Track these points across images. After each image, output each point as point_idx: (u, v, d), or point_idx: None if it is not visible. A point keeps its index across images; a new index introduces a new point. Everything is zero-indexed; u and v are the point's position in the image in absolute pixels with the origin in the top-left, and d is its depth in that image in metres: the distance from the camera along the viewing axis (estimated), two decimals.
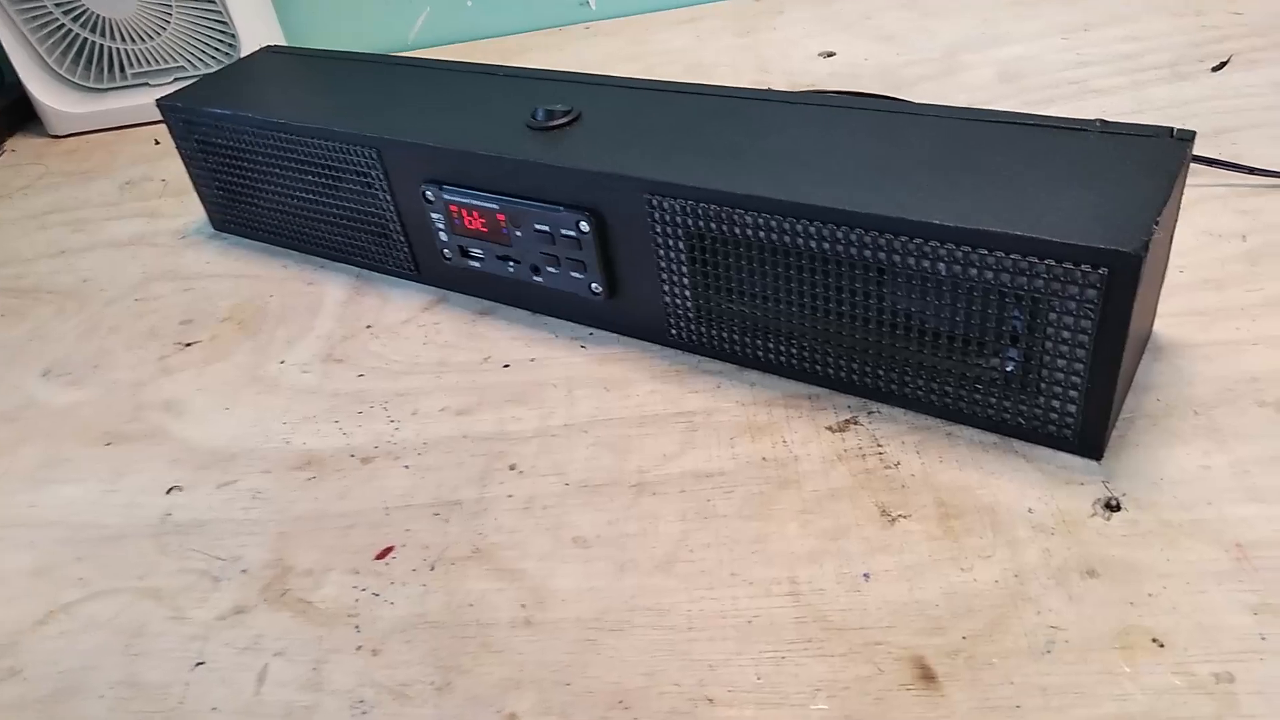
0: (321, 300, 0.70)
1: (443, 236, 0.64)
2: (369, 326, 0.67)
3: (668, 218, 0.53)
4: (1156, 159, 0.46)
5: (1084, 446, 0.47)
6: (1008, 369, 0.47)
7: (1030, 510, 0.45)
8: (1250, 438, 0.47)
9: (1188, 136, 0.47)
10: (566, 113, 0.60)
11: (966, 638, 0.40)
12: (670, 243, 0.54)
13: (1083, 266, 0.41)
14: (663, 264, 0.55)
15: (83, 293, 0.77)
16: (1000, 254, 0.43)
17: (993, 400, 0.48)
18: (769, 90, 0.59)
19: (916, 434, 0.50)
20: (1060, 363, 0.45)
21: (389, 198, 0.66)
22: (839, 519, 0.46)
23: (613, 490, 0.50)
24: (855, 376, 0.52)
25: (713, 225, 0.51)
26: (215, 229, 0.81)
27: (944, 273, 0.45)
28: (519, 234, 0.60)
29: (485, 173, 0.59)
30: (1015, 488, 0.46)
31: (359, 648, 0.45)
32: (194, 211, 0.86)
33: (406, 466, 0.54)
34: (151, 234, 0.83)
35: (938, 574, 0.43)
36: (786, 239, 0.49)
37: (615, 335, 0.61)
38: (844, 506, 0.47)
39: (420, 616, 0.46)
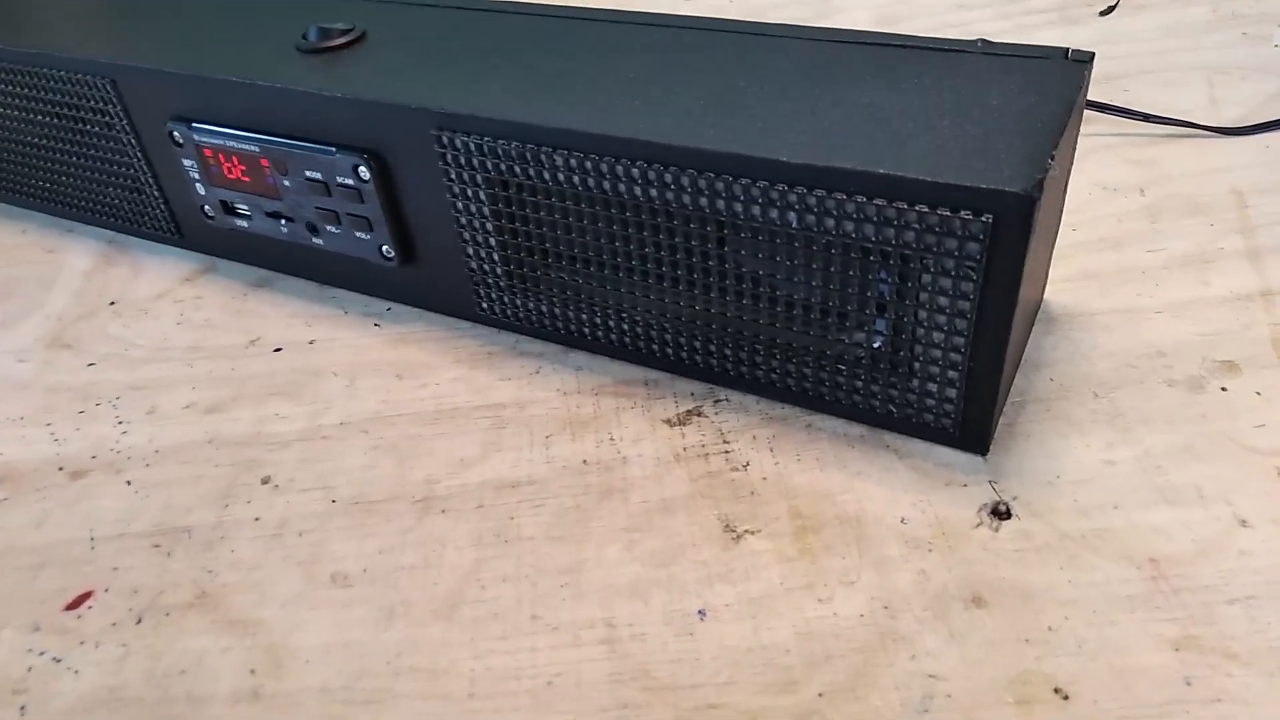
0: (59, 271, 0.57)
1: (199, 189, 0.51)
2: (112, 303, 0.53)
3: (463, 160, 0.42)
4: (1049, 84, 0.37)
5: (966, 439, 0.38)
6: (874, 345, 0.38)
7: (903, 520, 0.36)
8: (1159, 424, 0.39)
9: (1085, 58, 0.39)
10: (346, 31, 0.48)
11: (824, 695, 0.31)
12: (470, 191, 0.43)
13: (962, 213, 0.32)
14: (463, 220, 0.44)
15: None
16: (861, 199, 0.34)
17: (858, 384, 0.39)
18: (599, 10, 0.48)
19: (770, 426, 0.41)
20: (937, 336, 0.36)
21: (133, 141, 0.53)
22: (671, 538, 0.37)
23: (391, 508, 0.39)
24: (699, 358, 0.42)
25: (518, 169, 0.40)
26: None
27: (795, 224, 0.36)
28: (287, 184, 0.48)
29: (242, 105, 0.47)
30: (885, 492, 0.37)
31: None
32: None
33: (128, 482, 0.42)
34: None
35: (790, 608, 0.34)
36: (607, 185, 0.39)
37: (418, 311, 0.50)
38: (679, 522, 0.37)
39: (112, 691, 0.34)
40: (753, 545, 0.36)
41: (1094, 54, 0.39)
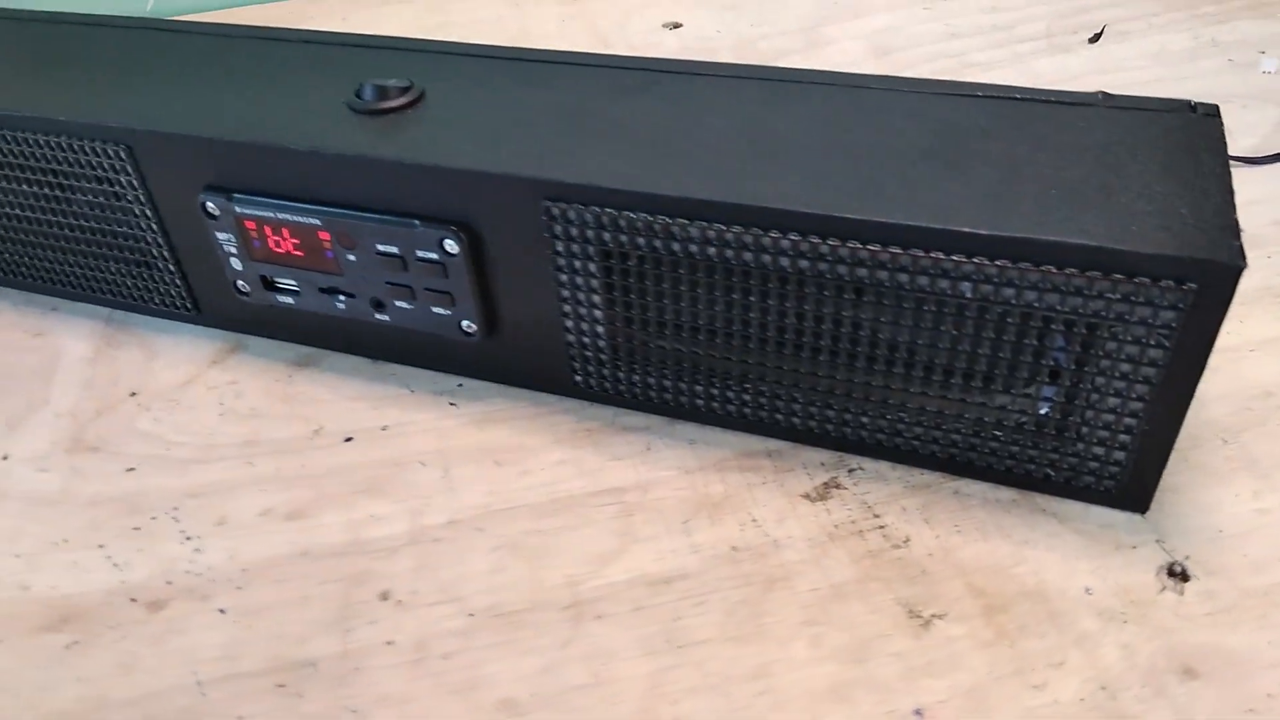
0: (56, 358, 0.50)
1: (235, 264, 0.46)
2: (134, 394, 0.48)
3: (575, 231, 0.39)
4: (1191, 141, 0.37)
5: (1127, 498, 0.38)
6: (1041, 411, 0.37)
7: (1088, 591, 0.36)
8: None
9: (1212, 111, 0.39)
10: (405, 90, 0.44)
11: None
12: (578, 264, 0.40)
13: (1163, 282, 0.32)
14: (566, 292, 0.41)
15: None
16: (1050, 269, 0.33)
17: (1013, 449, 0.38)
18: (657, 60, 0.46)
19: (916, 495, 0.40)
20: (1113, 401, 0.35)
21: (148, 212, 0.47)
22: (856, 630, 0.35)
23: (539, 618, 0.36)
24: (830, 426, 0.41)
25: (640, 240, 0.38)
26: None
27: (969, 294, 0.34)
28: (352, 258, 0.44)
29: (296, 174, 0.43)
30: (1059, 560, 0.37)
31: None
32: None
33: (221, 610, 0.37)
34: None
35: (1006, 699, 0.32)
36: (748, 256, 0.37)
37: (495, 385, 0.47)
38: (857, 610, 0.36)
39: None
40: (945, 631, 0.35)
41: (1218, 107, 0.39)
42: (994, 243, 0.33)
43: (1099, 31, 0.75)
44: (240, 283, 0.47)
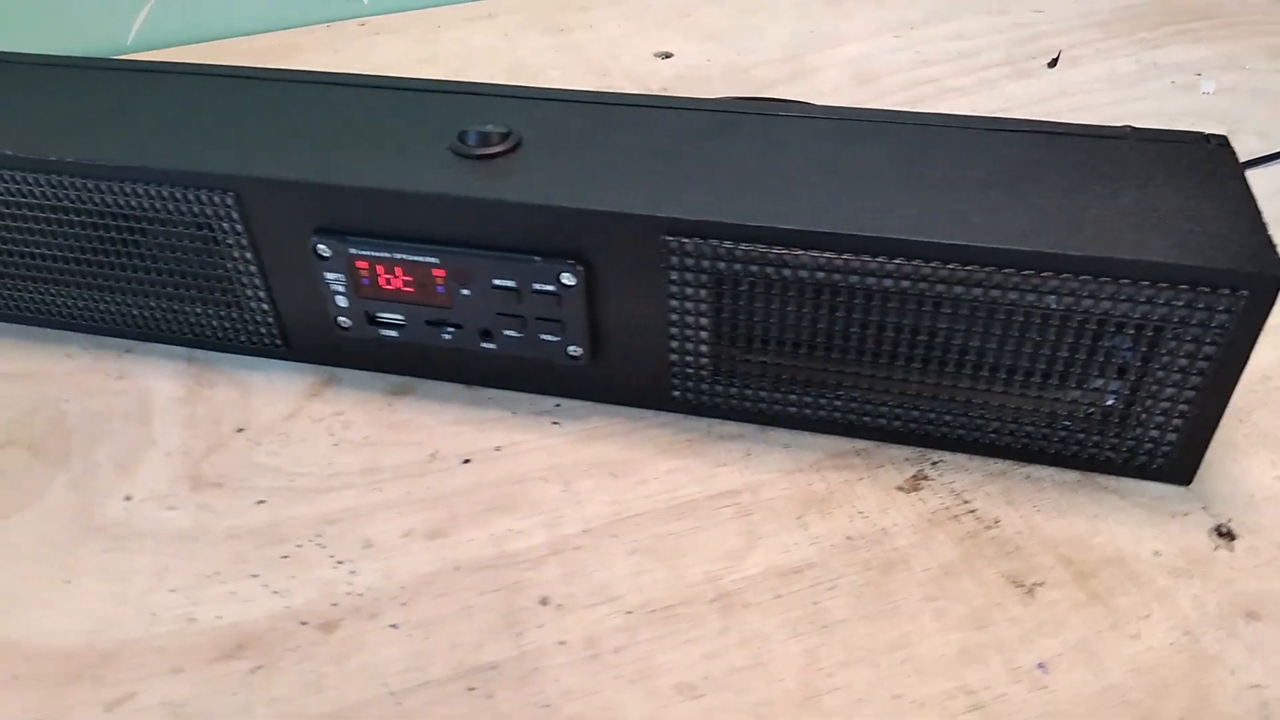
0: (146, 399, 0.52)
1: (340, 301, 0.49)
2: (240, 430, 0.50)
3: (690, 261, 0.43)
4: (1213, 168, 0.44)
5: (1175, 473, 0.44)
6: (1107, 403, 0.43)
7: (1156, 554, 0.42)
8: None
9: (1223, 141, 0.46)
10: (505, 135, 0.47)
11: None
12: (689, 290, 0.44)
13: (1220, 291, 0.38)
14: (675, 315, 0.45)
15: None
16: (1125, 282, 0.39)
17: (1079, 436, 0.44)
18: (722, 100, 0.51)
19: (994, 482, 0.45)
20: (1170, 392, 0.41)
21: (249, 255, 0.49)
22: (972, 601, 0.40)
23: (691, 610, 0.40)
24: (914, 425, 0.46)
25: (754, 268, 0.42)
26: None
27: (1054, 305, 0.40)
28: (466, 292, 0.47)
29: (410, 217, 0.46)
30: (1128, 531, 0.43)
31: None
32: None
33: (393, 626, 0.40)
34: None
35: (1110, 649, 0.38)
36: (854, 279, 0.42)
37: (589, 404, 0.50)
38: (969, 585, 0.41)
39: None
40: (1047, 596, 0.40)
41: (1227, 137, 0.46)
42: (1078, 262, 0.39)
43: (1055, 57, 0.83)
44: (342, 319, 0.50)
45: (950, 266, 0.40)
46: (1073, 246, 0.39)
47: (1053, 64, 0.82)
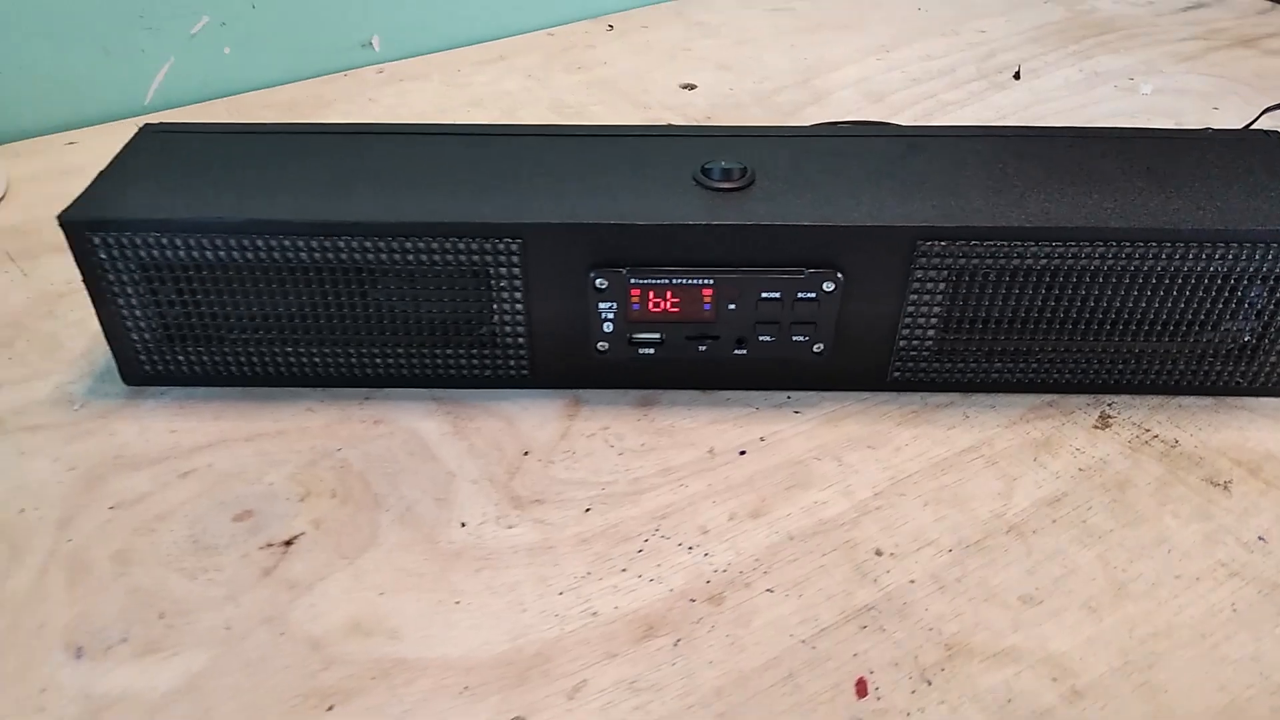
0: (419, 438, 0.55)
1: (606, 327, 0.55)
2: (527, 453, 0.54)
3: (936, 261, 0.53)
4: None
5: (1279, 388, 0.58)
6: (1245, 339, 0.56)
7: None
8: None
9: (1275, 134, 0.60)
10: (744, 170, 0.55)
11: None
12: (930, 285, 0.54)
13: None
14: (911, 308, 0.55)
15: (9, 532, 0.50)
16: (1261, 245, 0.52)
17: (1219, 368, 0.57)
18: (889, 124, 0.60)
19: (1160, 412, 0.57)
20: None
21: (518, 295, 0.54)
22: (1190, 501, 0.52)
23: (994, 541, 0.50)
24: (1091, 376, 0.57)
25: (989, 261, 0.52)
26: (129, 384, 0.58)
27: (1214, 269, 0.53)
28: (732, 307, 0.54)
29: (679, 246, 0.52)
30: (1269, 434, 0.56)
31: None
32: (29, 374, 0.60)
33: (769, 590, 0.47)
34: (7, 414, 0.57)
35: None
36: (1068, 264, 0.52)
37: (817, 393, 0.59)
38: (1182, 490, 0.53)
39: None
40: (1239, 488, 0.52)
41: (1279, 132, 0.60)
42: (1227, 234, 0.51)
43: (1017, 70, 0.98)
44: (601, 344, 0.56)
45: (1134, 244, 0.52)
46: (1221, 222, 0.52)
47: (1017, 76, 0.97)
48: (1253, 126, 0.84)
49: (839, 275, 0.53)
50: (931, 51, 1.03)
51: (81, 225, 0.52)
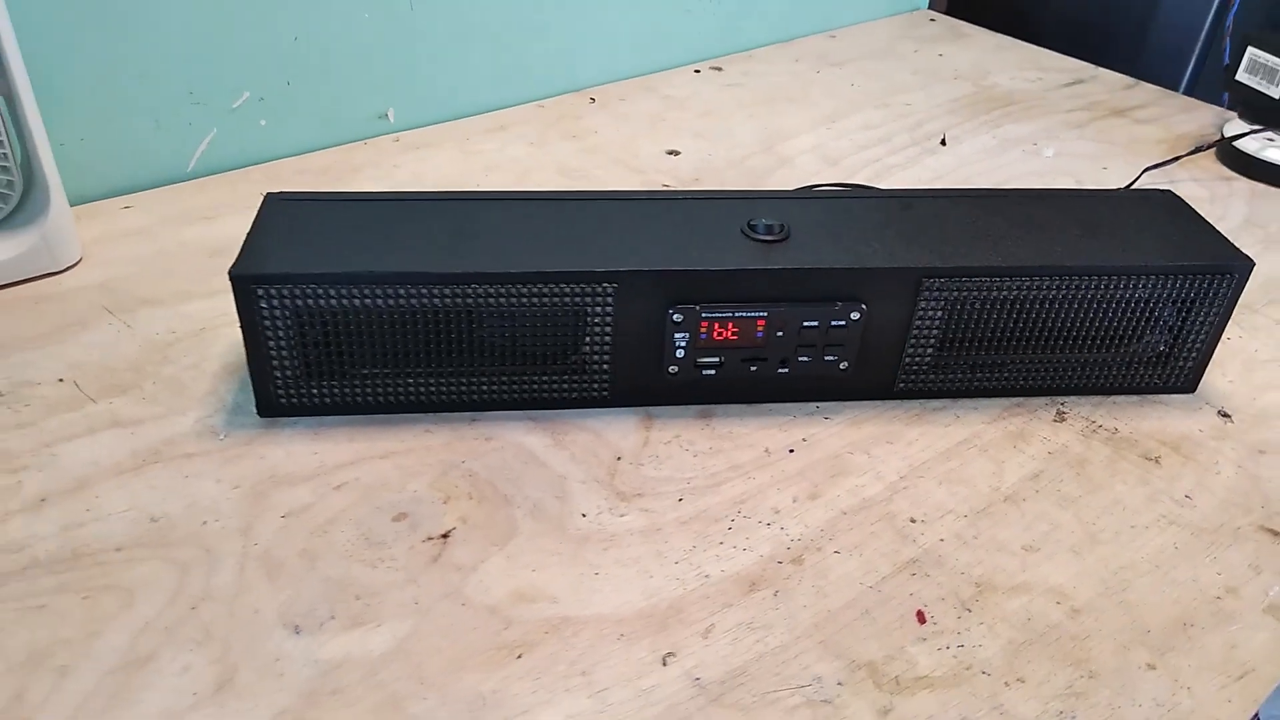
0: (528, 450, 0.66)
1: (679, 354, 0.68)
2: (619, 458, 0.66)
3: (937, 294, 0.68)
4: (1180, 208, 0.76)
5: (1188, 386, 0.75)
6: (1160, 348, 0.73)
7: (1200, 430, 0.72)
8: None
9: (1167, 192, 0.78)
10: (782, 226, 0.69)
11: None
12: (930, 312, 0.69)
13: (1223, 276, 0.69)
14: (916, 331, 0.69)
15: (201, 540, 0.59)
16: (1173, 277, 0.69)
17: (1141, 372, 0.74)
18: (889, 189, 0.75)
19: (1102, 408, 0.74)
20: (1193, 338, 0.72)
21: (608, 329, 0.66)
22: (1133, 473, 0.68)
23: (997, 509, 0.64)
24: (1045, 382, 0.73)
25: (977, 293, 0.68)
26: (263, 415, 0.67)
27: (1138, 296, 0.70)
28: (780, 334, 0.68)
29: (740, 287, 0.66)
30: (1179, 422, 0.73)
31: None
32: (166, 411, 0.68)
33: (837, 552, 0.60)
34: (161, 445, 0.65)
35: (1210, 479, 0.67)
36: (1036, 293, 0.68)
37: (839, 403, 0.73)
38: (1125, 465, 0.69)
39: (1024, 638, 0.55)
40: (1167, 462, 0.69)
41: (1169, 190, 0.78)
42: (1150, 269, 0.69)
43: (944, 138, 1.16)
44: (672, 367, 0.68)
45: (1079, 278, 0.68)
46: (1140, 259, 0.69)
47: (943, 142, 1.15)
48: (1137, 184, 1.04)
49: (863, 306, 0.67)
50: (870, 121, 1.20)
51: (247, 279, 0.62)
